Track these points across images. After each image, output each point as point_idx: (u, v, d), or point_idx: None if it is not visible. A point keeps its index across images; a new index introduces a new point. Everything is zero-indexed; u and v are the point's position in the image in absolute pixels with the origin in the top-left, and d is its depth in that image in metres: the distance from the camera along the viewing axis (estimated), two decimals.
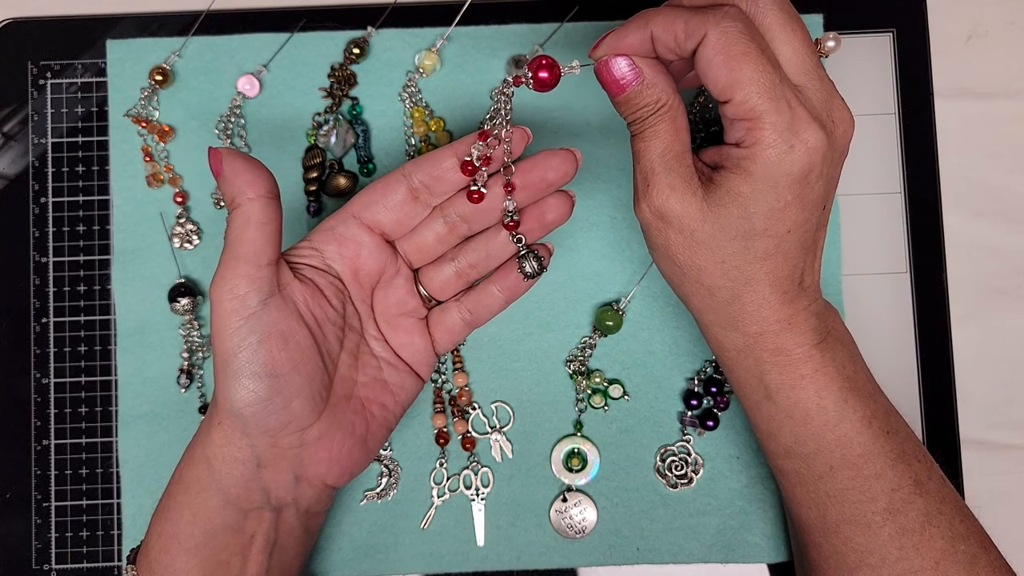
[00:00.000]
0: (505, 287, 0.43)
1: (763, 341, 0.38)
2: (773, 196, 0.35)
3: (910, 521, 0.38)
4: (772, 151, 0.35)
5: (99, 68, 0.50)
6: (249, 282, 0.37)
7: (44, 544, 0.48)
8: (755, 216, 0.36)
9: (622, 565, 0.48)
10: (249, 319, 0.37)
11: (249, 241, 0.37)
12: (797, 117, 0.35)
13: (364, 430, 0.41)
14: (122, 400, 0.48)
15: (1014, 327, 0.50)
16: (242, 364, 0.37)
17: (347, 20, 0.50)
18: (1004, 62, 0.51)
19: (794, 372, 0.38)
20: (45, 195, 0.49)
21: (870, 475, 0.38)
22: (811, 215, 0.37)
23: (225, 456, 0.39)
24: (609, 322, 0.48)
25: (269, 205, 0.38)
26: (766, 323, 0.38)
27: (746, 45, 0.34)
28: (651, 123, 0.37)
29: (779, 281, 0.37)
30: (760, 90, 0.34)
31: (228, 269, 0.37)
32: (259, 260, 0.38)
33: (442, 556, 0.48)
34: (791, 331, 0.38)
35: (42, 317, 0.49)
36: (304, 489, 0.40)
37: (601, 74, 0.38)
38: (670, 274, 0.40)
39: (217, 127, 0.49)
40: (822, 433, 0.38)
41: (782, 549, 0.48)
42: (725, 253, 0.37)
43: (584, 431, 0.49)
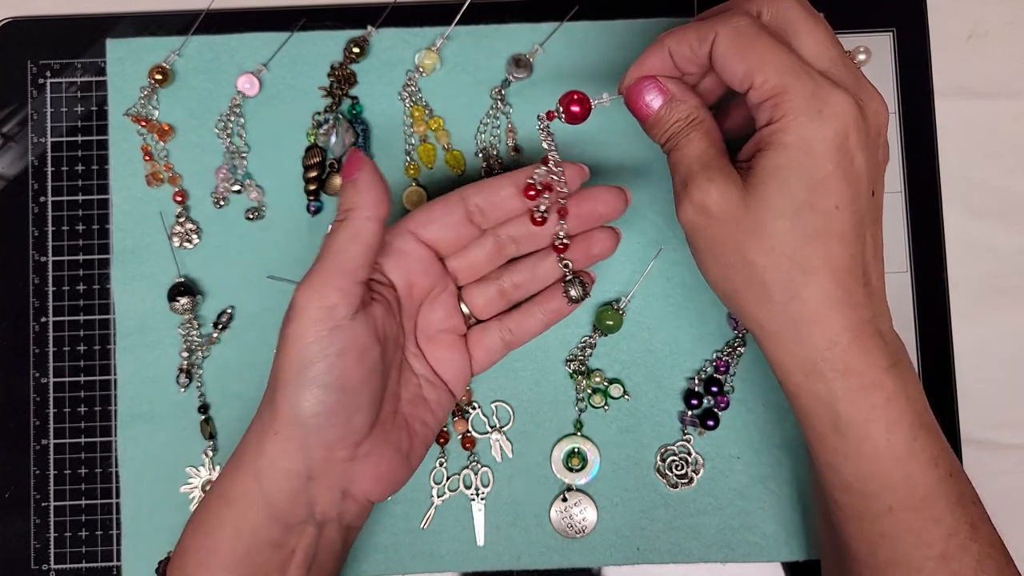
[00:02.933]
0: (548, 311, 0.44)
1: (832, 357, 0.36)
2: (811, 164, 0.34)
3: (963, 568, 0.36)
4: (802, 117, 0.34)
5: (99, 67, 0.50)
6: (342, 295, 0.37)
7: (43, 544, 0.48)
8: (795, 187, 0.35)
9: (622, 565, 0.48)
10: (333, 331, 0.37)
11: (352, 258, 0.37)
12: (822, 85, 0.34)
13: (408, 447, 0.41)
14: (121, 400, 0.48)
15: (1014, 327, 0.50)
16: (317, 374, 0.37)
17: (347, 19, 0.50)
18: (1004, 62, 0.51)
19: (866, 401, 0.36)
20: (44, 194, 0.49)
21: (930, 519, 0.36)
22: (858, 192, 0.35)
23: (277, 468, 0.38)
24: (609, 321, 0.48)
25: (380, 229, 0.38)
26: (833, 331, 0.35)
27: (756, 33, 0.35)
28: (685, 134, 0.38)
29: (839, 272, 0.35)
30: (778, 68, 0.34)
31: (323, 278, 0.37)
32: (356, 276, 0.37)
33: (442, 556, 0.48)
34: (860, 347, 0.36)
35: (41, 316, 0.49)
36: (348, 504, 0.40)
37: (630, 99, 0.39)
38: (723, 282, 0.38)
39: (217, 126, 0.49)
40: (888, 472, 0.36)
41: (782, 548, 0.48)
42: (774, 237, 0.35)
43: (584, 431, 0.48)
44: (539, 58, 0.49)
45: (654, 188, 0.49)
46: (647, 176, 0.49)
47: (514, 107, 0.49)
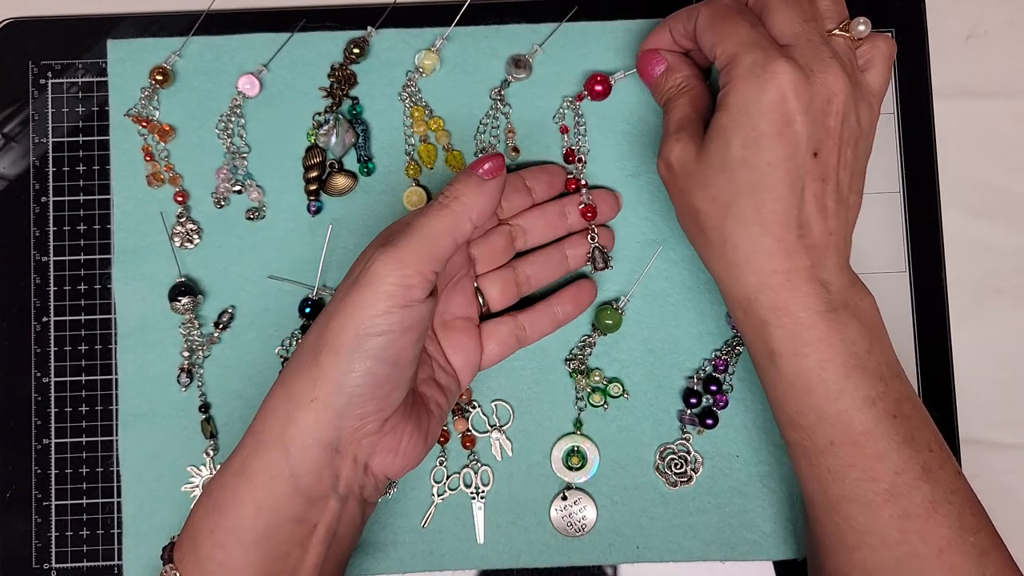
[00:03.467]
0: (564, 312, 0.47)
1: (763, 297, 0.39)
2: (747, 124, 0.38)
3: (914, 506, 0.38)
4: (742, 81, 0.38)
5: (100, 68, 0.50)
6: (422, 279, 0.37)
7: (44, 543, 0.48)
8: (733, 144, 0.38)
9: (622, 563, 0.48)
10: (404, 309, 0.37)
11: (444, 247, 0.38)
12: (769, 55, 0.38)
13: (427, 425, 0.41)
14: (122, 399, 0.48)
15: (1014, 327, 0.50)
16: (376, 346, 0.37)
17: (347, 20, 0.50)
18: (1004, 62, 0.51)
19: (797, 338, 0.39)
20: (46, 194, 0.49)
21: (872, 455, 0.38)
22: (794, 152, 0.38)
23: (306, 439, 0.37)
24: (609, 321, 0.48)
25: (474, 234, 0.40)
26: (763, 274, 0.39)
27: (727, 11, 0.40)
28: (674, 99, 0.44)
29: (768, 222, 0.38)
30: (735, 40, 0.39)
31: (411, 256, 0.37)
32: (439, 265, 0.38)
33: (442, 554, 0.48)
34: (792, 290, 0.39)
35: (43, 316, 0.49)
36: (368, 479, 0.40)
37: (639, 68, 0.46)
38: (684, 229, 0.43)
39: (217, 127, 0.49)
40: (823, 406, 0.39)
41: (782, 546, 0.48)
42: (714, 188, 0.39)
43: (584, 429, 0.49)
44: (538, 58, 0.50)
45: (653, 188, 0.49)
46: (646, 176, 0.49)
47: (513, 107, 0.50)
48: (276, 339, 0.49)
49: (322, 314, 0.39)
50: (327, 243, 0.49)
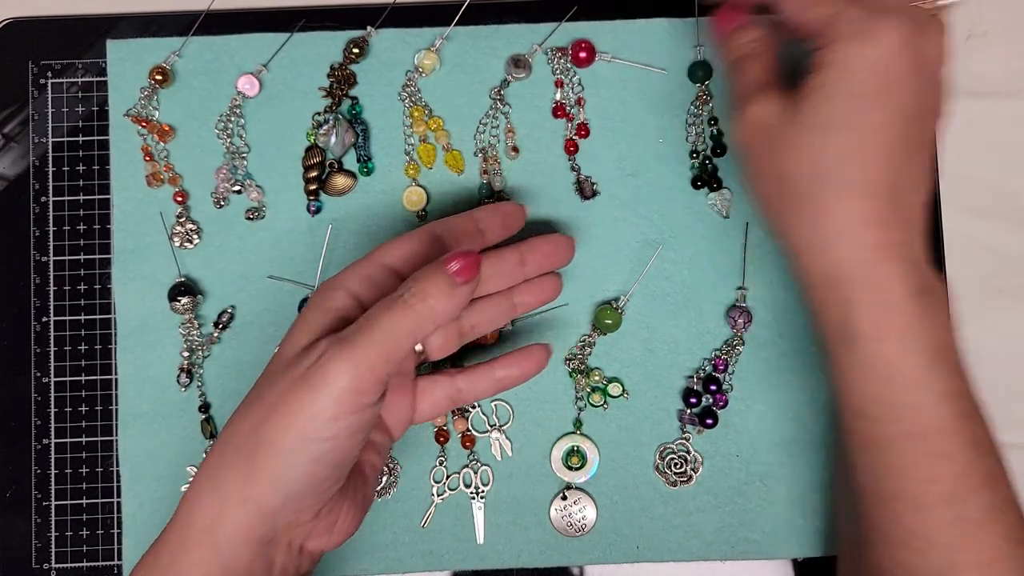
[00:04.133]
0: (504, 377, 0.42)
1: (853, 272, 0.36)
2: (851, 82, 0.35)
3: (970, 512, 0.36)
4: (845, 40, 0.36)
5: (99, 68, 0.50)
6: (376, 382, 0.34)
7: (44, 543, 0.48)
8: (832, 104, 0.36)
9: (622, 563, 0.48)
10: (354, 415, 0.34)
11: (402, 349, 0.35)
12: (872, 11, 0.35)
13: (363, 493, 0.40)
14: (122, 399, 0.48)
15: (1014, 327, 0.50)
16: (321, 451, 0.34)
17: (347, 20, 0.50)
18: (1004, 62, 0.51)
19: (882, 320, 0.36)
20: (46, 194, 0.49)
21: (937, 454, 0.36)
22: (898, 120, 0.36)
23: (239, 536, 0.35)
24: (608, 320, 0.48)
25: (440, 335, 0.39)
26: (855, 247, 0.36)
27: None
28: (746, 60, 0.41)
29: (868, 191, 0.36)
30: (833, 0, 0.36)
31: (367, 359, 0.34)
32: (395, 365, 0.35)
33: (442, 554, 0.48)
34: (885, 266, 0.36)
35: (42, 316, 0.49)
36: (304, 558, 0.38)
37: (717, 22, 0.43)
38: (763, 198, 0.40)
39: (217, 127, 0.49)
40: (898, 397, 0.36)
41: (781, 546, 0.48)
42: (807, 150, 0.37)
43: (584, 429, 0.49)
44: (538, 58, 0.50)
45: (653, 188, 0.49)
46: (646, 176, 0.49)
47: (513, 107, 0.50)
48: (276, 339, 0.49)
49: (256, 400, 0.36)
50: (327, 243, 0.49)
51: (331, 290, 0.38)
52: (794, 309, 0.49)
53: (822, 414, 0.48)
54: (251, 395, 0.37)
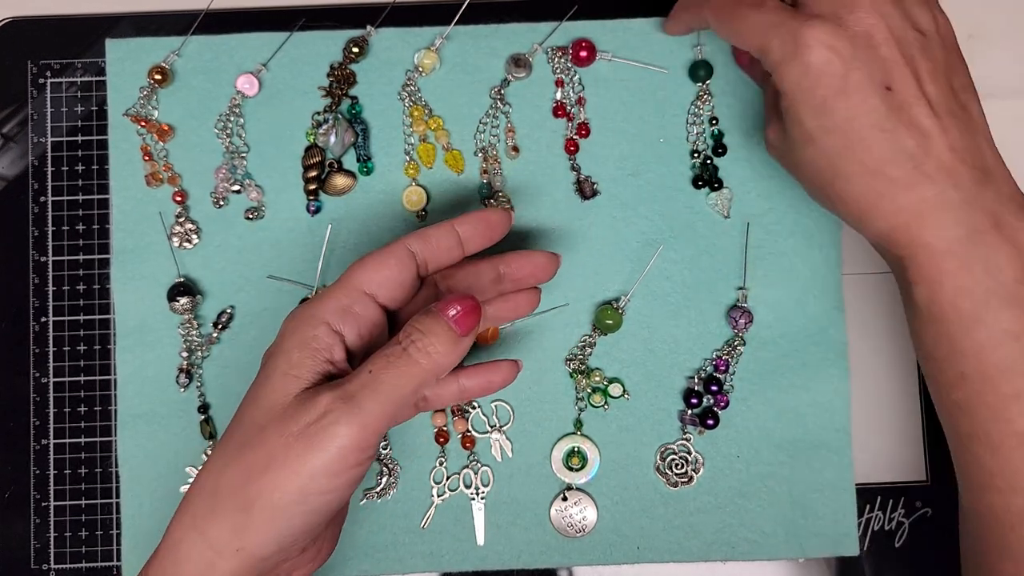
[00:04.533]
0: (470, 386, 0.42)
1: (896, 236, 0.38)
2: (807, 98, 0.38)
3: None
4: (783, 67, 0.38)
5: (99, 67, 0.50)
6: (379, 437, 0.35)
7: (43, 544, 0.48)
8: (804, 120, 0.38)
9: (622, 564, 0.48)
10: (355, 468, 0.35)
11: (408, 405, 0.36)
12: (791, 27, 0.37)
13: (341, 516, 0.40)
14: (121, 399, 0.48)
15: None
16: (320, 503, 0.34)
17: (346, 19, 0.50)
18: (1004, 62, 0.51)
19: (933, 268, 0.37)
20: (44, 194, 0.49)
21: (1008, 394, 0.36)
22: (865, 98, 0.37)
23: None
24: (609, 320, 0.48)
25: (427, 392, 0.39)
26: (888, 215, 0.38)
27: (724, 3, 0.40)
28: (764, 82, 0.45)
29: (875, 169, 0.37)
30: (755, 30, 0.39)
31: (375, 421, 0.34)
32: (390, 424, 0.36)
33: (442, 555, 0.48)
34: (922, 222, 0.37)
35: (41, 316, 0.49)
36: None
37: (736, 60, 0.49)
38: (805, 188, 0.42)
39: (216, 126, 0.49)
40: (956, 337, 0.37)
41: (782, 547, 0.48)
42: (810, 160, 0.39)
43: (584, 430, 0.48)
44: (538, 58, 0.49)
45: (653, 188, 0.49)
46: (647, 175, 0.49)
47: (513, 107, 0.49)
48: None
49: (246, 449, 0.35)
50: (326, 243, 0.49)
51: (310, 325, 0.37)
52: (795, 309, 0.49)
53: (823, 414, 0.48)
54: (235, 439, 0.36)
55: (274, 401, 0.36)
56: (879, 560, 0.48)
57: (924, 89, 0.37)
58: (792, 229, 0.49)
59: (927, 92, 0.37)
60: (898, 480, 0.49)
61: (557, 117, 0.49)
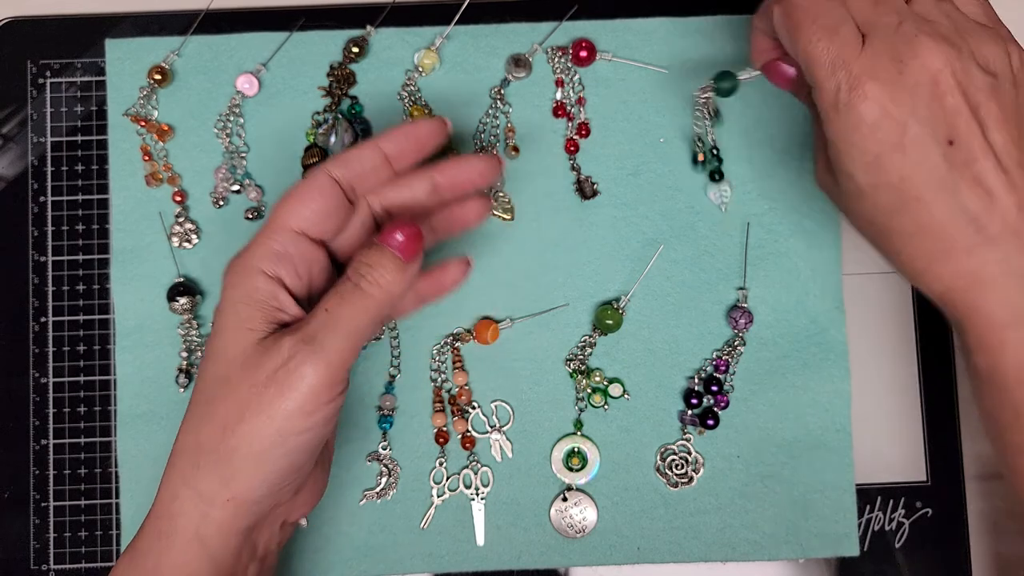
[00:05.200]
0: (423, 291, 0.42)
1: (953, 299, 0.36)
2: (857, 153, 0.35)
3: None
4: (833, 113, 0.35)
5: (98, 67, 0.50)
6: (346, 372, 0.35)
7: (42, 544, 0.48)
8: (856, 175, 0.36)
9: (623, 564, 0.48)
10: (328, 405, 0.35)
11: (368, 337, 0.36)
12: (850, 72, 0.34)
13: (327, 454, 0.40)
14: (121, 399, 0.48)
15: None
16: (299, 443, 0.35)
17: (346, 19, 0.50)
18: None
19: (993, 337, 0.35)
20: (44, 194, 0.49)
21: None
22: (926, 155, 0.34)
23: (225, 531, 0.36)
24: (609, 321, 0.48)
25: None
26: (945, 279, 0.36)
27: (800, 14, 0.36)
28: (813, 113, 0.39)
29: (933, 230, 0.35)
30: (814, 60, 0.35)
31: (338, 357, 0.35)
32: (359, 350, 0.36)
33: (442, 556, 0.48)
34: (982, 291, 0.35)
35: (41, 316, 0.49)
36: (286, 530, 0.40)
37: (771, 76, 0.42)
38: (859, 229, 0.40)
39: (216, 126, 0.49)
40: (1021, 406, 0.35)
41: (782, 547, 0.48)
42: (863, 213, 0.37)
43: (584, 430, 0.48)
44: (538, 58, 0.49)
45: (653, 188, 0.49)
46: (647, 175, 0.49)
47: (513, 107, 0.49)
48: None
49: (217, 402, 0.35)
50: None
51: (247, 275, 0.37)
52: (795, 309, 0.49)
53: (823, 414, 0.48)
54: (204, 396, 0.36)
55: (234, 354, 0.36)
56: (879, 560, 0.48)
57: (990, 139, 0.35)
58: (792, 229, 0.49)
59: (993, 142, 0.35)
60: (898, 480, 0.49)
61: (557, 117, 0.49)
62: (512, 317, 0.49)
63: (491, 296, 0.49)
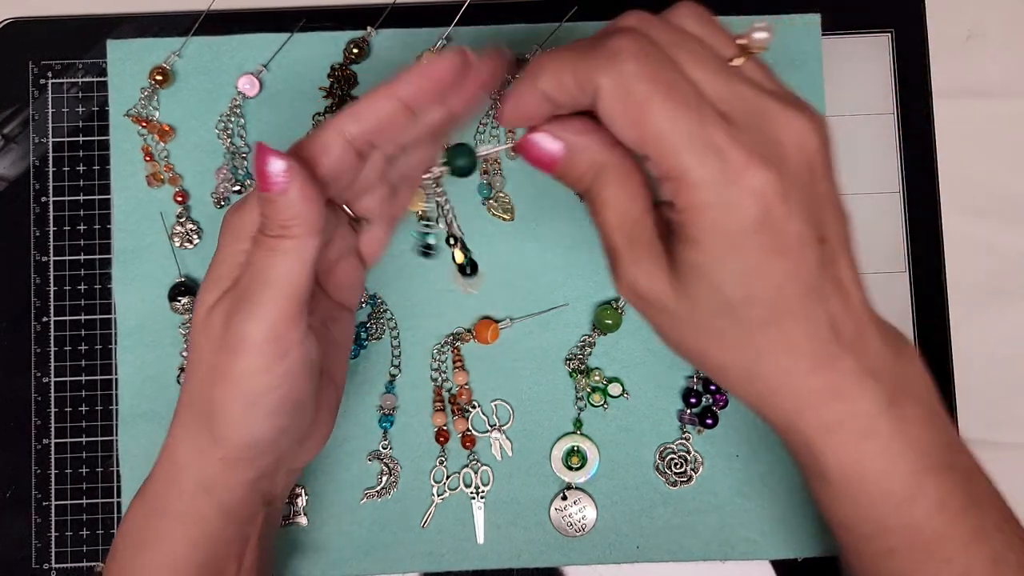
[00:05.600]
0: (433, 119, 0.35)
1: (807, 418, 0.32)
2: (735, 259, 0.30)
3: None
4: (710, 212, 0.29)
5: (100, 68, 0.50)
6: (292, 323, 0.33)
7: (44, 543, 0.48)
8: (726, 286, 0.30)
9: (622, 563, 0.48)
10: (285, 359, 0.33)
11: (303, 284, 0.32)
12: (729, 162, 0.28)
13: (333, 399, 0.40)
14: (122, 399, 0.48)
15: (1014, 327, 0.50)
16: (270, 403, 0.34)
17: (347, 20, 0.50)
18: (1003, 62, 0.51)
19: (853, 452, 0.32)
20: (46, 194, 0.49)
21: (939, 560, 0.33)
22: (801, 260, 0.30)
23: (231, 484, 0.36)
24: (609, 320, 0.48)
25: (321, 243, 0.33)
26: (801, 396, 0.32)
27: (647, 88, 0.28)
28: (596, 191, 0.33)
29: (798, 347, 0.31)
30: (675, 145, 0.28)
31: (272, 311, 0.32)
32: (305, 299, 0.33)
33: (442, 554, 0.48)
34: (840, 403, 0.32)
35: (42, 316, 0.49)
36: (292, 476, 0.41)
37: (526, 155, 0.33)
38: (683, 355, 0.35)
39: (217, 127, 0.49)
40: (886, 518, 0.33)
41: (781, 546, 0.48)
42: (718, 331, 0.32)
43: (584, 429, 0.49)
44: None
45: None
46: None
47: None
48: None
49: (195, 361, 0.35)
50: None
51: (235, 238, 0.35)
52: None
53: None
54: (190, 348, 0.36)
55: (198, 313, 0.35)
56: None
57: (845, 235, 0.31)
58: None
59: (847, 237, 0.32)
60: None
61: None
62: (512, 317, 0.49)
63: (491, 296, 0.49)
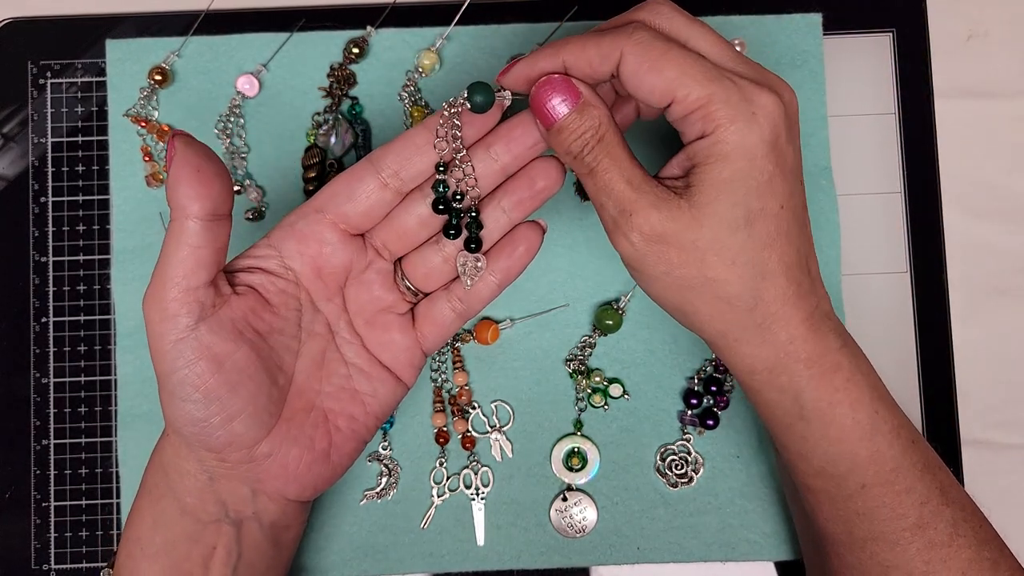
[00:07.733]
0: (498, 270, 0.40)
1: (795, 350, 0.36)
2: (755, 170, 0.34)
3: (938, 534, 0.36)
4: (737, 125, 0.34)
5: (99, 68, 0.50)
6: (178, 305, 0.34)
7: (43, 544, 0.48)
8: (748, 198, 0.34)
9: (622, 564, 0.48)
10: (178, 343, 0.35)
11: (179, 263, 0.34)
12: (745, 87, 0.34)
13: (327, 444, 0.39)
14: (122, 400, 0.48)
15: (1014, 327, 0.50)
16: (175, 385, 0.35)
17: (346, 20, 0.50)
18: (1004, 62, 0.51)
19: (828, 385, 0.36)
20: (45, 195, 0.49)
21: (901, 490, 0.36)
22: (795, 186, 0.36)
23: (178, 467, 0.38)
24: (609, 321, 0.48)
25: (208, 228, 0.35)
26: (792, 325, 0.36)
27: (665, 46, 0.34)
28: (599, 155, 0.36)
29: (791, 269, 0.35)
30: (699, 78, 0.34)
31: (157, 288, 0.35)
32: (188, 283, 0.34)
33: (442, 556, 0.48)
34: (816, 335, 0.36)
35: (42, 317, 0.49)
36: (264, 503, 0.39)
37: (536, 100, 0.37)
38: (680, 303, 0.37)
39: (216, 127, 0.49)
40: (856, 450, 0.36)
41: (782, 547, 0.48)
42: (733, 251, 0.35)
43: (584, 430, 0.48)
44: None
45: None
46: None
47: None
48: None
49: None
50: None
51: None
52: None
53: None
54: None
55: None
56: None
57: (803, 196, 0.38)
58: None
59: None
60: None
61: None
62: (512, 317, 0.49)
63: None
